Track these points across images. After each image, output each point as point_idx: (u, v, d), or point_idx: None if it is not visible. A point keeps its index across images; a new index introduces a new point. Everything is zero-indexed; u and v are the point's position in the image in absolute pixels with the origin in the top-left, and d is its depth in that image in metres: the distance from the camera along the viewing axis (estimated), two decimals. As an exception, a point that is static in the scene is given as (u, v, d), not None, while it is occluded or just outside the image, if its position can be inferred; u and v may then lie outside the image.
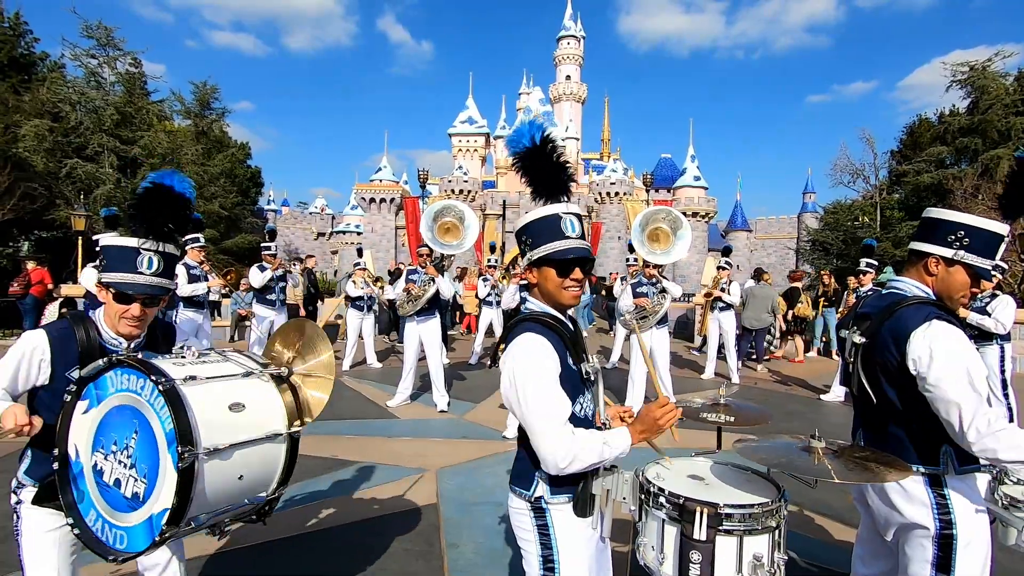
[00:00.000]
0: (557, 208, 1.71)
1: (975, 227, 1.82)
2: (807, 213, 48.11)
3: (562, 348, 1.66)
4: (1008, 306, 5.28)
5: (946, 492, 1.80)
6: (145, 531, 1.51)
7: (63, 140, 21.60)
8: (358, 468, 4.67)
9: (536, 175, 1.75)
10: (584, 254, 1.70)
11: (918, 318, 1.80)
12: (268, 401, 1.78)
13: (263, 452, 1.72)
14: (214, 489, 1.57)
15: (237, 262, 26.29)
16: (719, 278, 8.83)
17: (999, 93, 25.91)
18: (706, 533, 1.53)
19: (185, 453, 1.44)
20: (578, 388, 1.69)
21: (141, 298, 1.83)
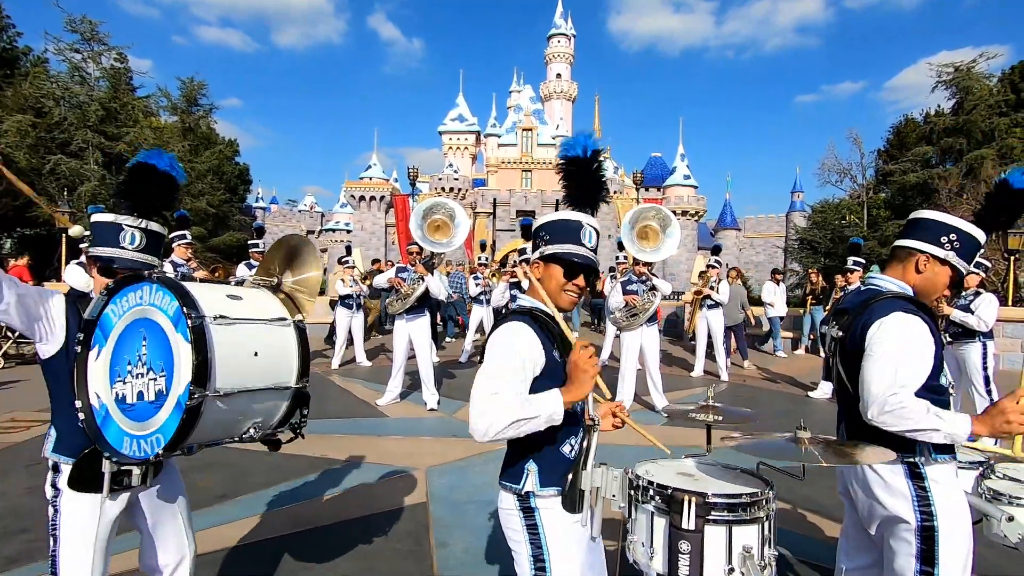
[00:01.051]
0: (582, 217, 1.80)
1: (966, 232, 1.92)
2: (795, 212, 48.48)
3: (548, 341, 1.70)
4: (991, 304, 5.35)
5: (926, 484, 1.84)
6: (176, 414, 1.54)
7: (46, 136, 21.27)
8: (347, 467, 4.65)
9: (577, 183, 1.84)
10: (592, 264, 1.78)
11: (884, 310, 1.88)
12: (264, 299, 1.88)
13: (272, 333, 1.79)
14: (231, 360, 1.61)
15: (225, 260, 26.04)
16: (708, 276, 8.89)
17: (983, 94, 26.26)
18: (695, 523, 1.54)
19: (192, 316, 1.52)
20: (564, 380, 1.70)
21: (123, 272, 1.85)
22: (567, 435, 1.70)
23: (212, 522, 3.55)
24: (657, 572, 1.64)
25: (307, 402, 1.88)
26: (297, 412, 1.86)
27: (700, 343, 9.03)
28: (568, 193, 1.85)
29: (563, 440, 1.71)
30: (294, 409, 1.85)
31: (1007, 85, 27.84)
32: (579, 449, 1.74)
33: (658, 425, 6.13)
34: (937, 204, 22.25)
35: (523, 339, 1.65)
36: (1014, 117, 26.21)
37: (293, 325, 1.85)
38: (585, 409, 1.78)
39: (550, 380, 1.67)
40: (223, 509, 3.78)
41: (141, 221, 1.91)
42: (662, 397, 6.56)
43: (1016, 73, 28.49)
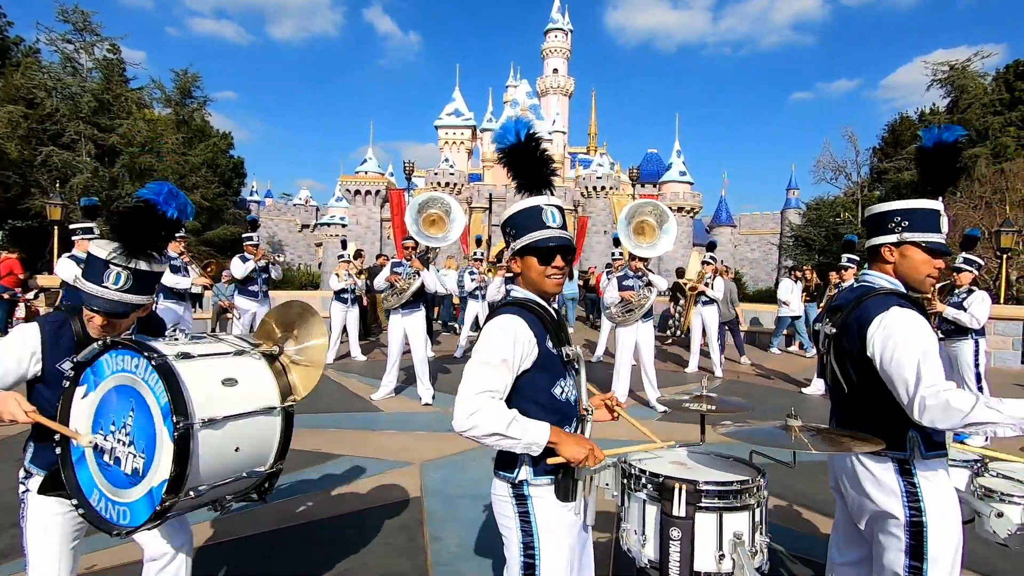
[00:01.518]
0: (539, 200, 1.79)
1: (908, 208, 1.94)
2: (790, 209, 48.56)
3: (542, 331, 1.71)
4: (983, 301, 5.39)
5: (916, 480, 1.84)
6: (146, 504, 1.56)
7: (38, 127, 21.09)
8: (342, 462, 4.64)
9: (521, 170, 1.81)
10: (565, 242, 1.75)
11: (879, 306, 1.88)
12: (260, 377, 1.85)
13: (258, 425, 1.78)
14: (211, 460, 1.62)
15: (219, 254, 25.91)
16: (703, 272, 8.90)
17: (978, 92, 26.40)
18: (685, 510, 1.56)
19: (180, 423, 1.50)
20: (559, 371, 1.73)
21: (101, 312, 1.80)
22: (561, 425, 1.70)
23: (203, 517, 3.53)
24: (648, 559, 1.66)
25: (278, 475, 1.91)
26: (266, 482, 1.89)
27: (695, 339, 9.05)
28: (518, 182, 1.83)
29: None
30: (263, 483, 1.88)
31: (1001, 84, 28.00)
32: None
33: (654, 420, 6.15)
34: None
35: (513, 332, 1.65)
36: (1008, 116, 26.37)
37: (282, 412, 1.84)
38: (579, 399, 1.80)
39: (543, 371, 1.69)
40: (216, 503, 3.77)
41: (130, 261, 1.78)
42: (655, 391, 6.57)
43: (1010, 72, 28.65)
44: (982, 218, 18.82)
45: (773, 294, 19.85)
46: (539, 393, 1.70)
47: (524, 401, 1.68)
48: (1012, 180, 19.99)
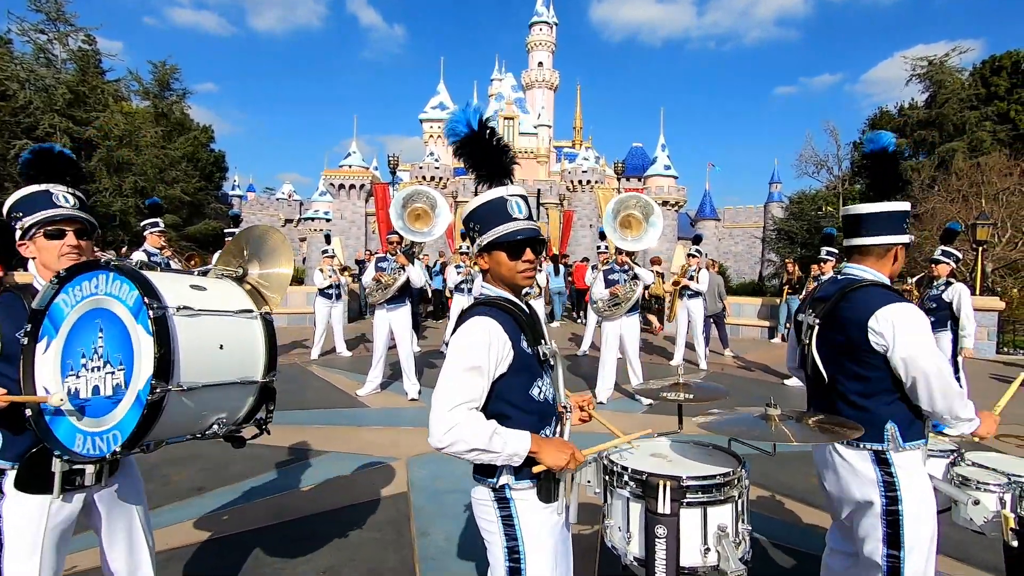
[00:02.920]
0: (501, 191, 1.69)
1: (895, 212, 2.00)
2: (773, 203, 49.07)
3: (515, 330, 1.64)
4: (966, 297, 5.53)
5: (893, 470, 1.89)
6: (136, 410, 1.48)
7: (11, 120, 20.56)
8: (328, 458, 4.62)
9: (478, 160, 1.73)
10: (533, 234, 1.68)
11: (880, 299, 1.92)
12: (228, 287, 1.82)
13: (238, 325, 1.72)
14: (195, 351, 1.55)
15: (200, 249, 25.53)
16: (687, 266, 8.97)
17: (955, 88, 26.83)
18: (670, 506, 1.57)
19: (155, 306, 1.46)
20: (535, 371, 1.68)
21: (72, 227, 1.82)
22: (540, 427, 1.67)
23: (189, 515, 3.51)
24: (634, 556, 1.66)
25: (273, 397, 1.82)
26: (263, 407, 1.80)
27: (680, 332, 9.13)
28: (476, 173, 1.74)
29: (537, 431, 1.67)
30: (260, 404, 1.79)
31: (978, 79, 28.50)
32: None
33: (639, 413, 6.20)
34: (911, 195, 22.68)
35: (487, 336, 1.57)
36: (984, 111, 26.86)
37: (260, 317, 1.78)
38: (557, 398, 1.77)
39: (520, 374, 1.63)
40: (200, 502, 3.73)
41: (67, 187, 1.88)
42: (639, 380, 6.62)
43: (987, 68, 29.18)
44: (959, 211, 19.18)
45: (757, 287, 20.06)
46: (516, 395, 1.64)
47: (501, 404, 1.63)
48: (988, 174, 20.40)
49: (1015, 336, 12.21)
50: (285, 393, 7.11)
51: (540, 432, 1.67)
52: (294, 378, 7.63)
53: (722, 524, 1.58)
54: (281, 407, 6.09)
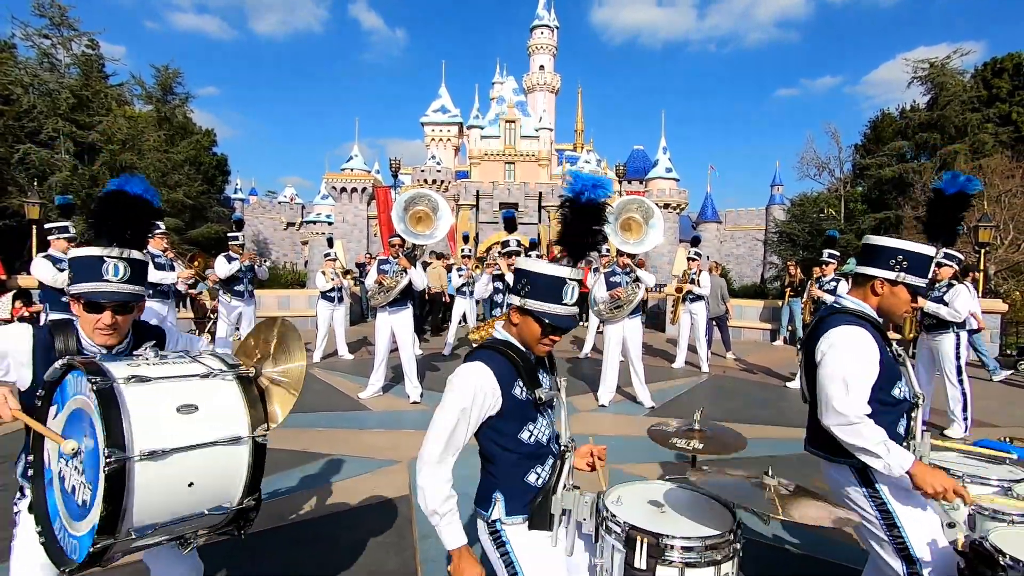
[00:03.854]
0: (565, 272, 1.73)
1: (912, 252, 1.99)
2: (775, 205, 49.05)
3: (511, 377, 1.71)
4: (964, 295, 5.47)
5: (877, 486, 1.93)
6: (88, 540, 1.41)
7: (15, 124, 20.64)
8: (329, 461, 4.62)
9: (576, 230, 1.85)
10: (571, 325, 1.75)
11: (833, 324, 2.00)
12: (228, 402, 1.65)
13: (218, 457, 1.58)
14: (156, 497, 1.45)
15: (203, 252, 25.52)
16: (688, 269, 8.96)
17: (957, 90, 26.79)
18: (646, 563, 1.56)
19: (112, 457, 1.35)
20: (527, 415, 1.74)
21: (111, 305, 1.77)
22: (532, 465, 1.74)
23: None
24: None
25: (248, 516, 1.72)
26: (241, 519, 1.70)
27: (682, 335, 9.12)
28: (563, 236, 1.84)
29: (528, 470, 1.74)
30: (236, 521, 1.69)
31: (980, 81, 28.48)
32: (547, 476, 1.77)
33: (641, 416, 6.19)
34: (912, 198, 22.71)
35: (476, 384, 1.66)
36: (986, 113, 26.83)
37: (250, 443, 1.64)
38: (559, 436, 1.82)
39: (509, 419, 1.71)
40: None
41: (123, 251, 1.79)
42: (645, 390, 6.61)
43: (988, 70, 29.17)
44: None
45: (759, 289, 20.04)
46: (504, 439, 1.73)
47: (490, 444, 1.74)
48: (990, 176, 20.37)
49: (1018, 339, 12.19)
50: (287, 396, 7.10)
51: (531, 471, 1.74)
52: (296, 381, 7.62)
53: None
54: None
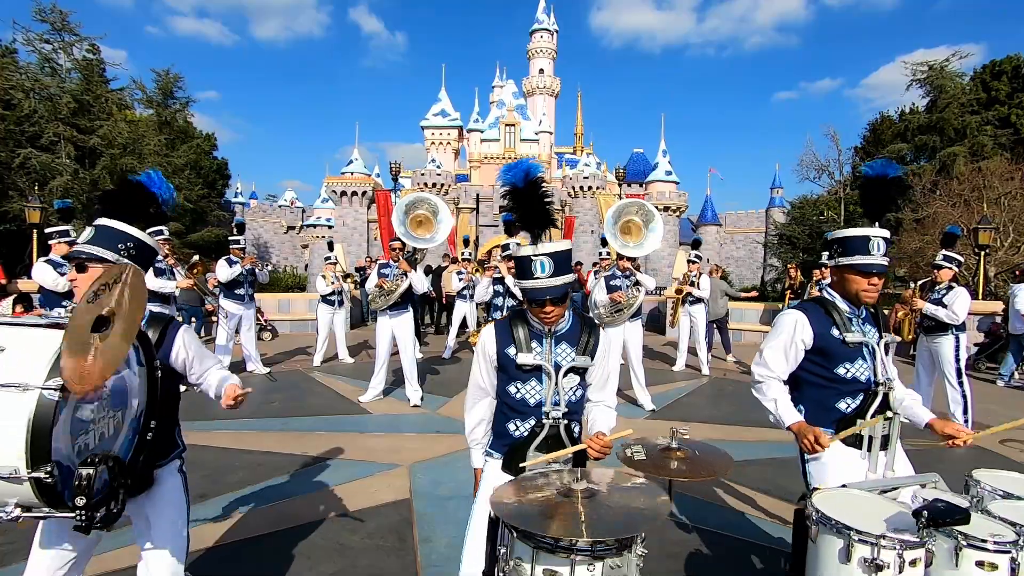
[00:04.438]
0: (529, 251, 1.96)
1: (842, 237, 2.28)
2: (775, 208, 49.07)
3: (508, 339, 2.05)
4: (962, 298, 5.47)
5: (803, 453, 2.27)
6: None
7: (15, 129, 20.68)
8: (330, 464, 4.62)
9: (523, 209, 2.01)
10: (549, 294, 1.93)
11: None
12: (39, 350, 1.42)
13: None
14: None
15: (203, 256, 25.59)
16: (688, 272, 8.97)
17: (956, 92, 26.85)
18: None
19: None
20: (514, 374, 2.04)
21: (74, 263, 1.88)
22: (512, 416, 2.08)
23: (191, 522, 3.50)
24: None
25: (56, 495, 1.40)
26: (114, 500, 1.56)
27: (682, 338, 9.12)
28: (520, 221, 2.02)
29: (509, 419, 2.09)
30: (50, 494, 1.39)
31: (979, 84, 28.55)
32: (525, 432, 2.05)
33: (641, 419, 6.19)
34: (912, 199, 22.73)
35: (482, 339, 2.11)
36: (985, 115, 26.88)
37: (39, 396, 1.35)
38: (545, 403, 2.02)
39: (501, 372, 2.07)
40: (202, 509, 3.72)
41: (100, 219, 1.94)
42: (645, 393, 6.61)
43: (987, 72, 29.23)
44: (961, 216, 19.16)
45: (760, 292, 20.06)
46: (500, 387, 2.10)
47: (498, 389, 2.11)
48: (989, 178, 20.37)
49: (1019, 340, 12.14)
50: (287, 400, 7.13)
51: (511, 421, 2.08)
52: (296, 385, 7.63)
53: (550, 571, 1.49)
54: (283, 414, 6.10)
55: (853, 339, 2.21)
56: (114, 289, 1.55)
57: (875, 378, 2.22)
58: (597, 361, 2.10)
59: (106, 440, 1.61)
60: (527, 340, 2.02)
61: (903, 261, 22.08)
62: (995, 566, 1.48)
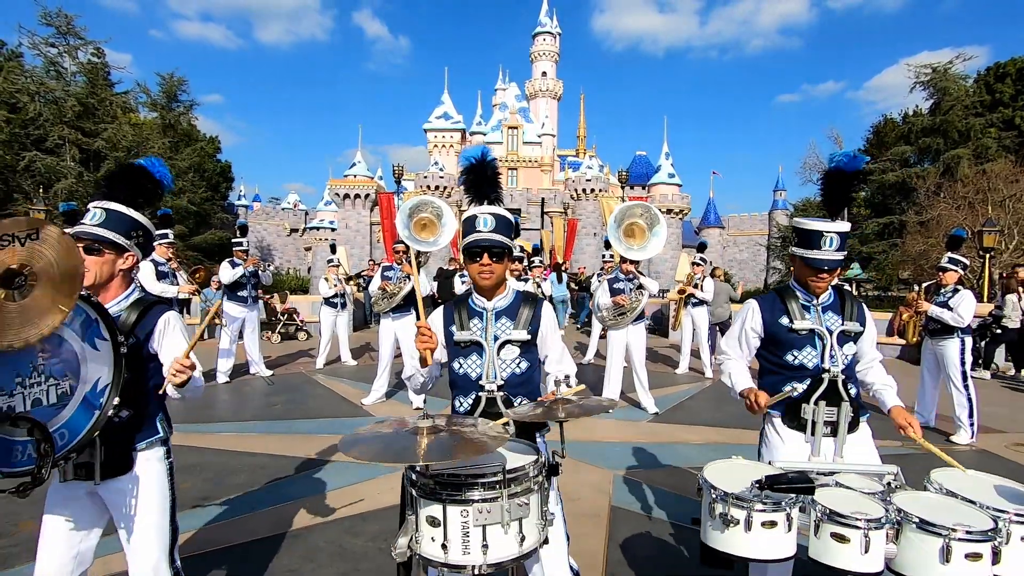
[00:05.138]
0: (476, 209, 2.17)
1: (798, 227, 2.36)
2: (778, 210, 49.03)
3: (450, 317, 2.21)
4: (968, 300, 5.44)
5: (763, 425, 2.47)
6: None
7: (21, 132, 20.83)
8: (332, 467, 4.61)
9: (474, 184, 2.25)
10: (488, 243, 2.08)
11: None
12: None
13: None
14: None
15: (207, 259, 25.71)
16: (692, 274, 8.94)
17: (959, 95, 26.79)
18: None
19: None
20: (456, 350, 2.17)
21: (81, 244, 1.87)
22: (458, 393, 2.19)
23: (193, 525, 3.50)
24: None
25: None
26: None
27: (685, 341, 9.10)
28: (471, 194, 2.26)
29: (456, 396, 2.20)
30: None
31: (982, 86, 28.48)
32: (468, 406, 2.13)
33: (644, 422, 6.17)
34: (915, 201, 22.66)
35: (433, 319, 2.25)
36: (989, 117, 26.81)
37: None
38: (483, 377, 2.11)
39: (447, 348, 2.20)
40: (205, 511, 3.72)
41: (107, 202, 1.98)
42: (648, 396, 6.59)
43: (991, 74, 29.17)
44: (965, 218, 19.10)
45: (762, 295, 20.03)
46: (448, 367, 2.22)
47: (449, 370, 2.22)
48: (994, 181, 20.32)
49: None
50: (290, 402, 7.12)
51: (456, 399, 2.19)
52: (299, 387, 7.63)
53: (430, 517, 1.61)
54: (286, 416, 6.09)
55: (801, 326, 2.29)
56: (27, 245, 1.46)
57: (823, 364, 2.28)
58: (545, 335, 2.21)
59: (45, 408, 1.60)
60: (467, 319, 2.18)
61: (907, 264, 22.01)
62: (847, 539, 1.59)
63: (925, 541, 1.57)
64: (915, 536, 1.59)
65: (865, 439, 2.34)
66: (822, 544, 1.64)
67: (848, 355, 2.31)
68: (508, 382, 2.12)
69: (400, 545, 1.64)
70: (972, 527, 1.55)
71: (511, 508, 1.60)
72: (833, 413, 2.27)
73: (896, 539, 1.63)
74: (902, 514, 1.63)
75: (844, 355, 2.30)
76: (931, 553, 1.55)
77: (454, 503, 1.58)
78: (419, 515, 1.63)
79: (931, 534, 1.56)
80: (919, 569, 1.58)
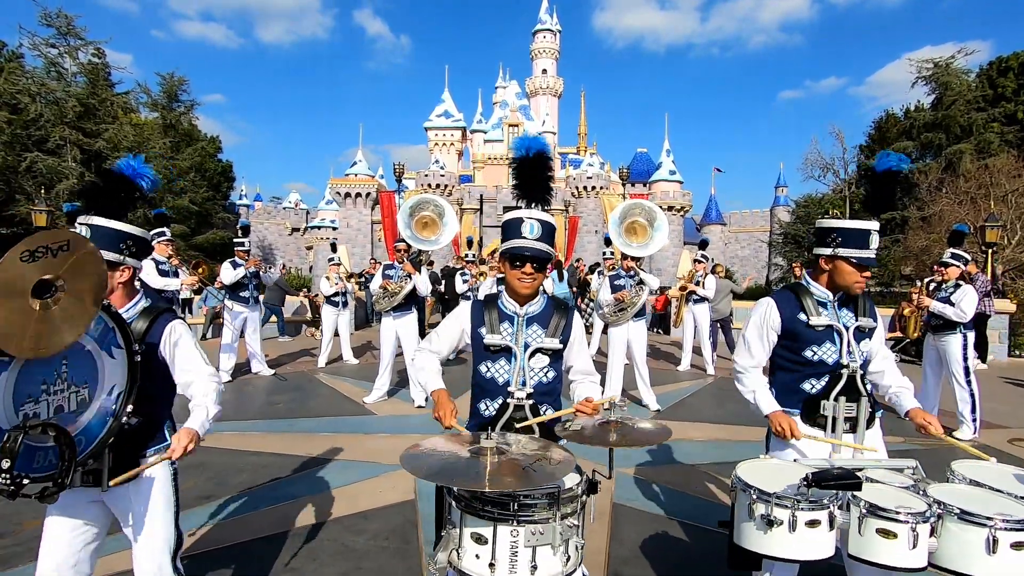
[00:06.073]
0: (523, 213, 2.06)
1: (845, 228, 2.24)
2: (779, 207, 48.93)
3: (480, 319, 2.12)
4: (970, 296, 5.42)
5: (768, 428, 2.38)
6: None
7: (22, 133, 20.86)
8: (334, 466, 4.62)
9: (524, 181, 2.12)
10: (531, 251, 2.01)
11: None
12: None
13: None
14: None
15: (208, 258, 25.69)
16: (694, 271, 8.94)
17: (961, 89, 26.69)
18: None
19: None
20: (483, 353, 2.11)
21: None
22: (483, 396, 2.13)
23: (195, 524, 3.51)
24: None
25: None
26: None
27: (687, 338, 9.09)
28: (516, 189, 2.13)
29: (480, 398, 2.14)
30: None
31: (985, 81, 28.35)
32: (494, 410, 2.08)
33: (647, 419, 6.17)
34: (918, 199, 22.62)
35: (457, 314, 2.19)
36: (991, 112, 26.70)
37: None
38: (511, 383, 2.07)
39: (474, 350, 2.14)
40: (207, 510, 3.73)
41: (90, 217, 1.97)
42: (651, 393, 6.59)
43: (993, 69, 29.02)
44: (967, 213, 19.03)
45: (764, 292, 20.02)
46: (473, 368, 2.16)
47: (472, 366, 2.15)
48: (996, 176, 20.24)
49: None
50: (292, 401, 7.13)
51: (481, 401, 2.13)
52: (300, 386, 7.64)
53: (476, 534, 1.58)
54: (288, 415, 6.10)
55: (819, 322, 2.27)
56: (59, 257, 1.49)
57: (841, 360, 2.26)
58: (572, 344, 2.16)
59: (67, 414, 1.61)
60: (497, 322, 2.10)
61: (909, 259, 21.95)
62: (895, 535, 1.54)
63: (968, 532, 1.52)
64: (957, 528, 1.54)
65: (877, 435, 2.35)
66: (866, 541, 1.58)
67: (864, 351, 2.31)
68: (536, 390, 2.08)
69: (440, 560, 1.60)
70: (1013, 516, 1.50)
71: (563, 530, 1.57)
72: (853, 409, 2.25)
73: (934, 533, 1.58)
74: (942, 506, 1.59)
75: (861, 351, 2.29)
76: (976, 544, 1.50)
77: (505, 523, 1.54)
78: (463, 531, 1.58)
79: (975, 525, 1.51)
80: (965, 561, 1.52)
